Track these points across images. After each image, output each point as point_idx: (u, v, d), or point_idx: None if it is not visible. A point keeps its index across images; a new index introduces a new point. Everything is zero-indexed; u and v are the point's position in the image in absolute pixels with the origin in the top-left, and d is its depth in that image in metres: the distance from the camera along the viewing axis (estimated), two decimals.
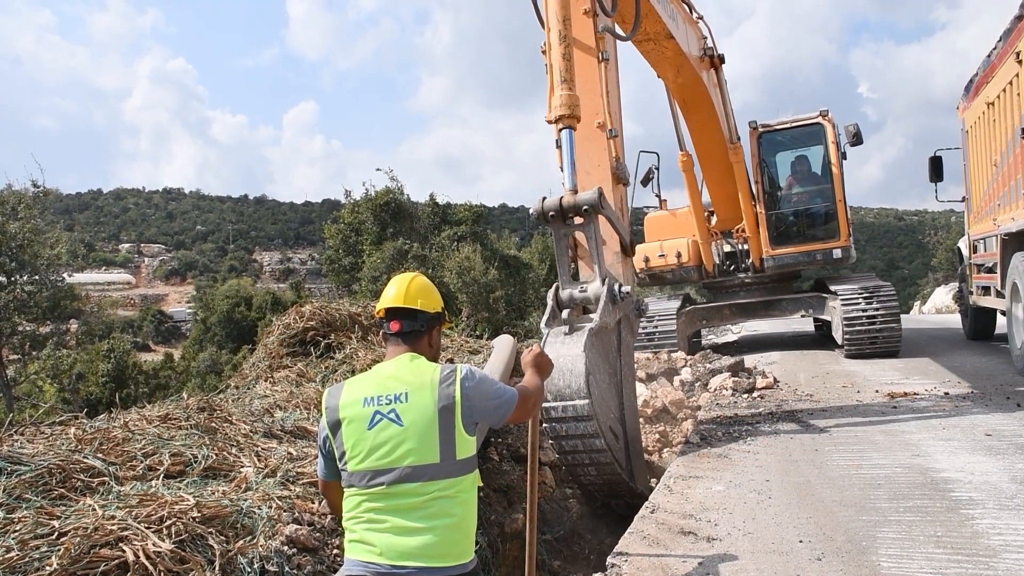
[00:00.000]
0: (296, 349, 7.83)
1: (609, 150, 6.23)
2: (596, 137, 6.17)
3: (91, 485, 3.81)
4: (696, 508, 4.77)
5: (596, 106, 6.19)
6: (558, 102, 5.60)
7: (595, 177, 6.07)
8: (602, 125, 6.22)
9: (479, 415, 2.80)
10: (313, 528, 3.78)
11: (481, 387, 2.80)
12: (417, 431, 2.67)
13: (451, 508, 2.66)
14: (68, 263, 23.45)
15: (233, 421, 5.25)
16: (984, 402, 7.48)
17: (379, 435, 2.68)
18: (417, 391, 2.72)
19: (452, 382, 2.74)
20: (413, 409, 2.69)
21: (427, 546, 2.60)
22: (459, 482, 2.70)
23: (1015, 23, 8.73)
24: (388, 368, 2.86)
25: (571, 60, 5.73)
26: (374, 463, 2.67)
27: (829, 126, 11.96)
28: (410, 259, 27.92)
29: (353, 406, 2.75)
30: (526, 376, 3.28)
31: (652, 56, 8.99)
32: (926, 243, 46.69)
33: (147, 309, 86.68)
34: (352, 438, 2.72)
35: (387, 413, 2.70)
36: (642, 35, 8.16)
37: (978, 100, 10.76)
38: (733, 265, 12.96)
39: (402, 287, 2.98)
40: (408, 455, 2.65)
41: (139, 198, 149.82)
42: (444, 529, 2.63)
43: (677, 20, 8.89)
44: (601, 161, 6.20)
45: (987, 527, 4.15)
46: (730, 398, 8.38)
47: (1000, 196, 9.77)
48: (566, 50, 5.74)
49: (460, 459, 2.70)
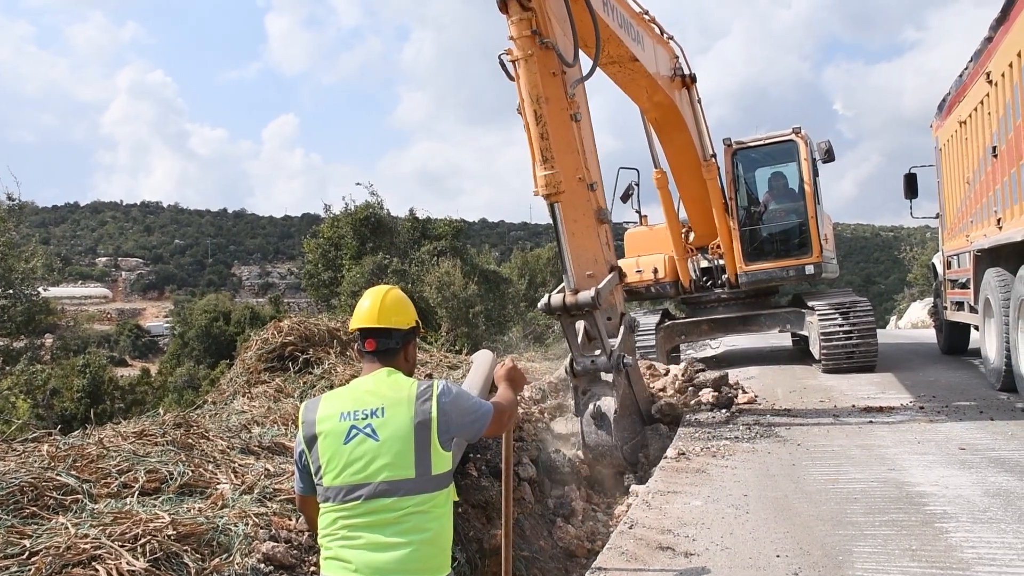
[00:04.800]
0: (274, 364, 7.79)
1: (591, 201, 7.06)
2: (578, 192, 6.95)
3: (64, 503, 3.77)
4: (674, 523, 4.78)
5: (575, 163, 6.89)
6: (542, 182, 6.38)
7: (582, 225, 7.01)
8: (582, 180, 6.93)
9: (456, 430, 2.82)
10: (290, 545, 3.76)
11: (458, 402, 2.82)
12: (393, 446, 2.67)
13: (426, 523, 2.67)
14: (43, 277, 23.13)
15: (210, 437, 5.20)
16: (958, 416, 7.56)
17: (355, 450, 2.68)
18: (394, 406, 2.73)
19: (429, 398, 2.76)
20: (389, 424, 2.70)
21: (402, 561, 2.60)
22: (434, 497, 2.71)
23: (985, 44, 8.90)
24: (366, 383, 2.87)
25: (548, 139, 6.37)
26: (349, 478, 2.67)
27: (802, 143, 12.06)
28: (390, 274, 27.83)
29: (329, 420, 2.75)
30: (500, 390, 3.30)
31: (620, 78, 9.07)
32: (902, 259, 47.10)
33: (124, 323, 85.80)
34: (328, 452, 2.72)
35: (363, 428, 2.70)
36: (606, 58, 8.30)
37: (951, 119, 10.93)
38: (710, 281, 13.02)
39: (375, 304, 2.97)
40: (383, 470, 2.65)
41: (117, 211, 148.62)
42: (420, 544, 2.63)
43: (643, 42, 8.99)
44: (585, 211, 7.04)
45: (961, 540, 4.19)
46: (709, 413, 8.40)
47: (973, 213, 9.92)
48: (543, 130, 6.35)
49: (435, 474, 2.71)
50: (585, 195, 7.00)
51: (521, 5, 6.33)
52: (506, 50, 6.55)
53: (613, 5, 8.01)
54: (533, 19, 6.39)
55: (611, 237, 7.48)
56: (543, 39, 6.43)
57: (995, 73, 8.39)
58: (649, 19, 9.36)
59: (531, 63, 6.36)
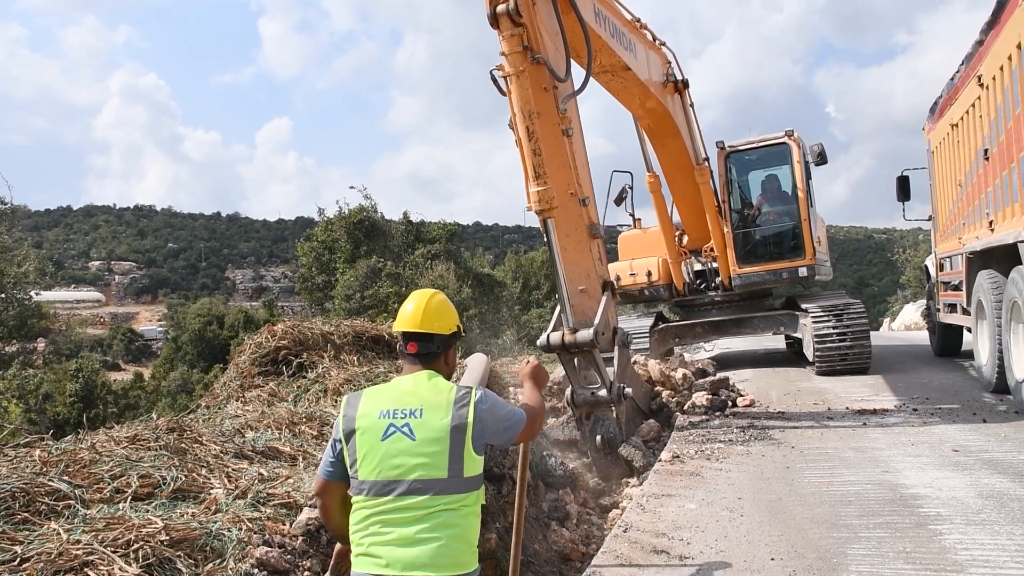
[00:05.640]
0: (268, 368, 7.77)
1: (583, 216, 6.98)
2: (571, 207, 6.89)
3: (56, 508, 3.75)
4: (669, 527, 4.78)
5: (568, 178, 6.84)
6: (535, 198, 6.42)
7: (574, 240, 6.93)
8: (574, 195, 6.86)
9: (490, 436, 2.96)
10: (284, 550, 3.74)
11: (493, 410, 2.95)
12: (428, 447, 2.79)
13: (455, 520, 2.78)
14: (36, 281, 23.06)
15: (203, 441, 5.18)
16: (951, 418, 7.58)
17: (391, 447, 2.80)
18: (432, 409, 2.85)
19: (466, 404, 2.87)
20: (426, 426, 2.81)
21: (432, 556, 2.70)
22: (464, 498, 2.83)
23: (976, 48, 8.93)
24: (406, 383, 2.99)
25: (540, 155, 6.39)
26: (384, 474, 2.78)
27: (795, 146, 12.07)
28: (383, 277, 27.82)
29: (368, 416, 2.87)
30: (527, 392, 3.42)
31: (612, 86, 9.07)
32: (895, 261, 47.25)
33: (117, 327, 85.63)
34: (364, 447, 2.83)
35: (401, 427, 2.82)
36: (599, 68, 8.31)
37: (943, 121, 10.97)
38: (704, 283, 13.03)
39: (419, 308, 3.07)
40: (417, 469, 2.76)
41: (110, 215, 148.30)
42: (448, 540, 2.73)
43: (636, 50, 8.98)
44: (577, 226, 6.96)
45: (954, 542, 4.20)
46: (703, 416, 8.41)
47: (965, 215, 9.95)
48: (535, 146, 6.36)
49: (467, 476, 2.83)
50: (577, 210, 6.95)
51: (512, 21, 6.31)
52: (497, 66, 6.53)
53: (605, 15, 8.01)
54: (524, 35, 6.36)
55: (604, 252, 7.46)
56: (535, 55, 6.41)
57: (986, 76, 8.43)
58: (641, 26, 9.36)
59: (523, 79, 6.36)
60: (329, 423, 6.34)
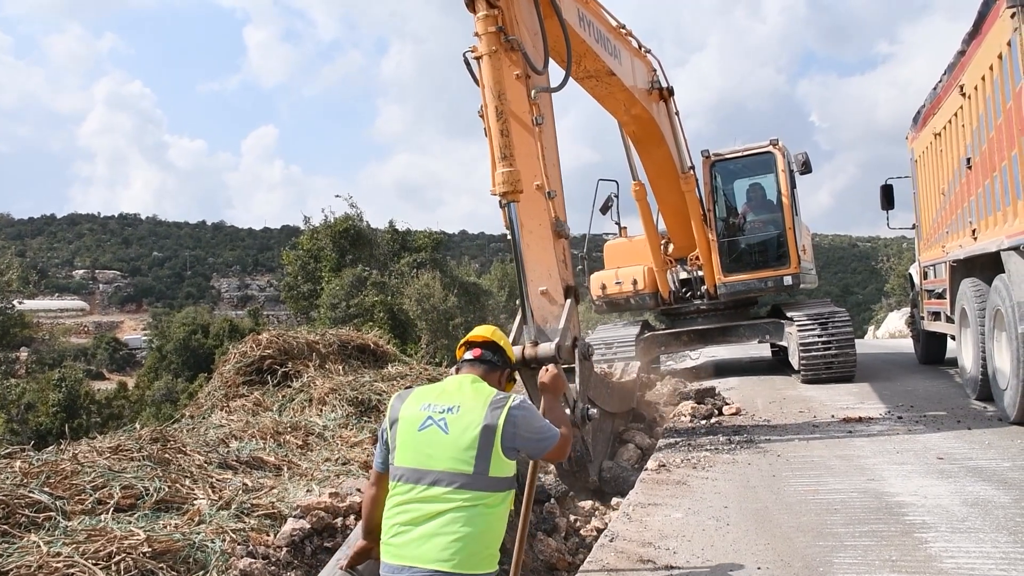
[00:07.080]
0: (253, 378, 7.74)
1: (548, 210, 6.60)
2: (536, 199, 6.54)
3: (36, 520, 3.71)
4: (655, 536, 4.77)
5: (535, 169, 6.54)
6: (500, 179, 5.98)
7: (537, 235, 6.55)
8: (540, 187, 6.54)
9: (520, 443, 3.07)
10: (268, 561, 3.71)
11: (528, 419, 3.11)
12: (458, 442, 2.96)
13: (474, 518, 2.88)
14: (19, 289, 22.91)
15: (187, 452, 5.15)
16: (936, 426, 7.61)
17: (425, 438, 3.00)
18: (469, 407, 3.04)
19: (501, 406, 3.05)
20: (460, 421, 3.00)
21: (450, 552, 2.81)
22: (487, 496, 2.94)
23: (958, 58, 9.01)
24: (452, 383, 3.24)
25: (509, 136, 6.09)
26: (414, 462, 2.98)
27: (779, 154, 12.14)
28: (369, 286, 27.77)
29: (411, 408, 3.11)
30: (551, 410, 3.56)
31: (597, 92, 9.07)
32: (879, 269, 47.58)
33: (101, 336, 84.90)
34: (402, 435, 3.06)
35: (437, 420, 3.02)
36: (583, 72, 8.29)
37: (926, 131, 11.05)
38: (689, 292, 13.06)
39: (491, 330, 3.50)
40: (444, 461, 2.94)
41: (94, 223, 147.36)
42: (466, 538, 2.85)
43: (621, 56, 8.99)
44: (541, 220, 6.59)
45: (940, 550, 4.21)
46: (689, 424, 8.43)
47: (948, 224, 10.02)
48: (504, 126, 6.08)
49: (492, 476, 2.95)
50: (543, 203, 6.57)
51: (488, 3, 6.27)
52: (471, 47, 6.39)
53: (590, 20, 8.02)
54: (500, 16, 6.31)
55: (569, 255, 6.96)
56: (508, 37, 6.34)
57: (968, 86, 8.50)
58: (626, 33, 9.40)
59: (495, 59, 6.14)
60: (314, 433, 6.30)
